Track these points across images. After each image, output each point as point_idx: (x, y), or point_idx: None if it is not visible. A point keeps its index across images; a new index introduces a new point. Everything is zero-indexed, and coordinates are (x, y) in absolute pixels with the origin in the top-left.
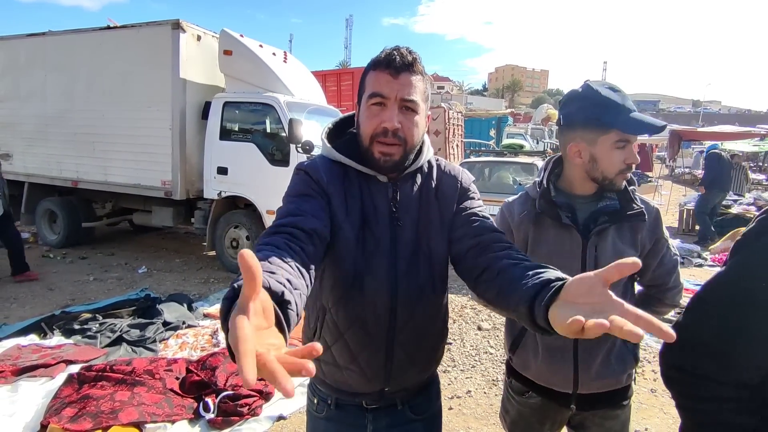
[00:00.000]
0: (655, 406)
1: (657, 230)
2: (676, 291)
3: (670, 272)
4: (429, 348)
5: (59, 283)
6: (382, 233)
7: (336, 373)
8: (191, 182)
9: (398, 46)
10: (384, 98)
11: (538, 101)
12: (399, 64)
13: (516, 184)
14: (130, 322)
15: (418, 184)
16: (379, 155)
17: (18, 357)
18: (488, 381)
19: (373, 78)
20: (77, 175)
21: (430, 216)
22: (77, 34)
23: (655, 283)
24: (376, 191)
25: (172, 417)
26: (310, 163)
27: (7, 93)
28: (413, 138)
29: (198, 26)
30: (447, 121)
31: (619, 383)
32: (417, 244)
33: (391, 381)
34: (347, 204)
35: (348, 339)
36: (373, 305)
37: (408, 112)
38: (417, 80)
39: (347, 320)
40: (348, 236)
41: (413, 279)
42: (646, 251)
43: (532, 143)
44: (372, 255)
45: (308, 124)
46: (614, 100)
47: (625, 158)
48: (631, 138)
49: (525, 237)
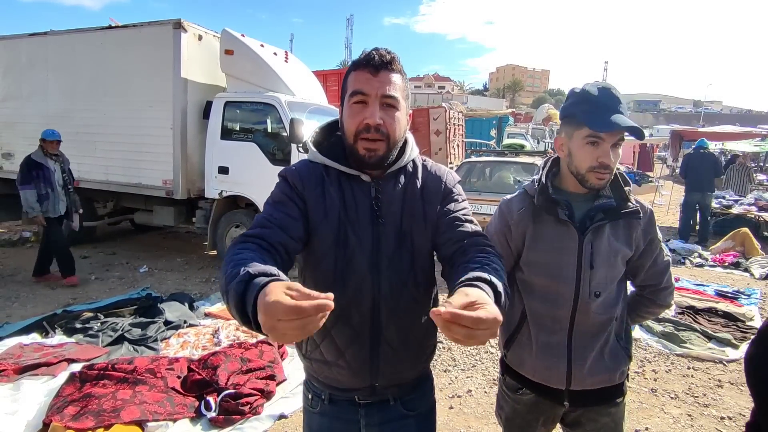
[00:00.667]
0: (656, 406)
1: (651, 230)
2: (668, 292)
3: (663, 272)
4: (416, 343)
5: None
6: (364, 231)
7: (326, 370)
8: (192, 182)
9: (377, 47)
10: (365, 96)
11: (539, 101)
12: (378, 62)
13: (517, 184)
14: (132, 321)
15: (402, 183)
16: (364, 151)
17: (20, 356)
18: (489, 380)
19: (354, 77)
20: (79, 175)
21: (414, 213)
22: (79, 33)
23: (649, 283)
24: (359, 191)
25: (173, 415)
26: (290, 169)
27: (9, 92)
28: (395, 133)
29: (199, 26)
30: (448, 121)
31: (612, 380)
32: (400, 241)
33: (380, 376)
34: (325, 205)
35: (335, 335)
36: (357, 301)
37: (389, 109)
38: (396, 78)
39: (332, 317)
40: (326, 236)
41: (396, 275)
42: (640, 251)
43: (533, 143)
44: (353, 253)
45: (309, 123)
46: (593, 97)
47: (597, 156)
48: (603, 135)
49: (523, 233)
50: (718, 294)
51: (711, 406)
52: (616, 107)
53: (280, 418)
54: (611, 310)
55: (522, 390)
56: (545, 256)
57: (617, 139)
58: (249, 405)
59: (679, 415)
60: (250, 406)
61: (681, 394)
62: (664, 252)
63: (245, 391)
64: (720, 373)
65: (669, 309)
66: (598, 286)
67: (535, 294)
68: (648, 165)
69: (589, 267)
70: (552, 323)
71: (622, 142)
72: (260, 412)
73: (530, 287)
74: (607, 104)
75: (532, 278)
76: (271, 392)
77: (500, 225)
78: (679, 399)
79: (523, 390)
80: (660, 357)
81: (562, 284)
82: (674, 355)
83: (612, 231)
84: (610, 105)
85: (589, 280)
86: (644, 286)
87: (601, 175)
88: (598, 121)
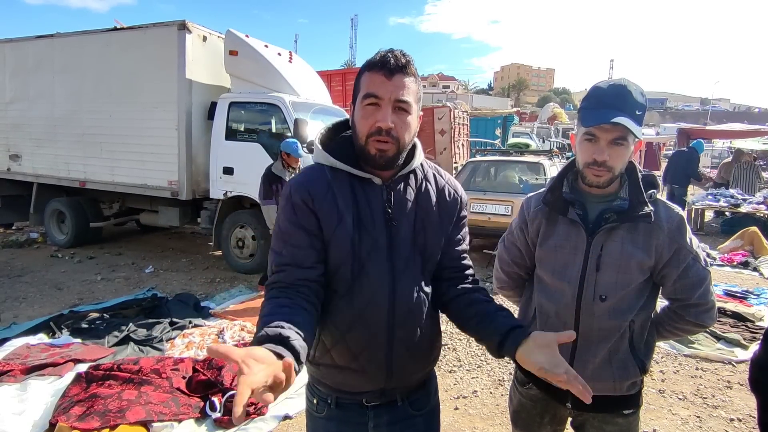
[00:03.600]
0: (664, 407)
1: (678, 238)
2: (702, 309)
3: (695, 286)
4: (427, 342)
5: (67, 282)
6: (379, 234)
7: (336, 375)
8: (197, 182)
9: (392, 49)
10: (378, 99)
11: (544, 100)
12: (393, 65)
13: (522, 183)
14: (137, 322)
15: (412, 185)
16: (375, 151)
17: (27, 356)
18: (494, 381)
19: (368, 79)
20: (85, 176)
21: (430, 219)
22: (85, 35)
23: (677, 296)
24: (371, 193)
25: (178, 416)
26: (294, 183)
27: (17, 94)
28: (406, 137)
29: (204, 27)
30: (452, 120)
31: (618, 390)
32: (413, 242)
33: (394, 377)
34: (338, 210)
35: (349, 340)
36: (374, 303)
37: (401, 113)
38: (410, 82)
39: (348, 321)
40: (343, 241)
41: (410, 276)
42: (664, 260)
43: (539, 142)
44: (369, 255)
45: (313, 123)
46: (598, 93)
47: (592, 152)
48: (596, 132)
49: (537, 229)
50: (727, 294)
51: (720, 407)
52: (620, 105)
53: (285, 418)
54: (622, 316)
55: (529, 385)
56: (552, 253)
57: (614, 136)
58: (254, 406)
59: (687, 416)
60: (254, 406)
61: (689, 395)
62: (700, 265)
63: None
64: (729, 374)
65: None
66: (605, 290)
67: (543, 290)
68: (655, 164)
69: (595, 269)
70: (556, 321)
71: (623, 140)
72: (265, 412)
73: (541, 283)
74: (610, 102)
75: (541, 274)
76: None
77: (519, 220)
78: (687, 400)
79: (530, 385)
80: (668, 357)
81: (566, 283)
82: (682, 355)
83: (628, 235)
84: (613, 102)
85: (594, 282)
86: (673, 299)
87: (597, 171)
88: (590, 117)
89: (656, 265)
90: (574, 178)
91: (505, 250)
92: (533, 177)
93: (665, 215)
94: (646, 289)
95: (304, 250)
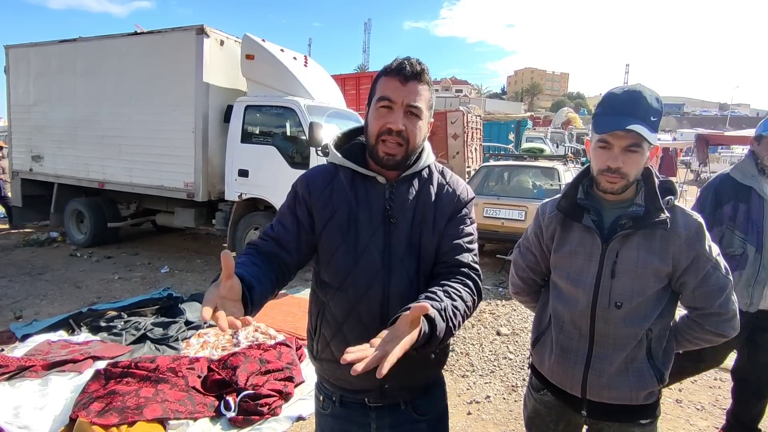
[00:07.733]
0: (681, 417)
1: (697, 246)
2: (722, 319)
3: (714, 295)
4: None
5: (86, 281)
6: (376, 230)
7: (336, 370)
8: (213, 184)
9: (409, 57)
10: (392, 102)
11: (558, 105)
12: (408, 72)
13: (536, 188)
14: (154, 321)
15: (416, 187)
16: (383, 154)
17: (48, 352)
18: (507, 386)
19: (384, 83)
20: (104, 177)
21: (426, 219)
22: (106, 40)
23: (696, 305)
24: (372, 191)
25: (194, 414)
26: (301, 176)
27: (40, 97)
28: (415, 140)
29: (221, 31)
30: (465, 124)
31: (634, 399)
32: (409, 243)
33: (389, 376)
34: (333, 204)
35: (346, 332)
36: (368, 297)
37: (412, 117)
38: (423, 89)
39: (344, 313)
40: (334, 234)
41: (405, 274)
42: (682, 267)
43: (552, 147)
44: (364, 251)
45: (328, 127)
46: (611, 99)
47: (606, 159)
48: (609, 139)
49: (552, 235)
50: None
51: None
52: (634, 111)
53: (298, 419)
54: (639, 324)
55: (543, 390)
56: (567, 259)
57: (627, 143)
58: (268, 406)
59: (705, 427)
60: (268, 407)
61: (707, 405)
62: (721, 273)
63: (264, 392)
64: None
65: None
66: (620, 297)
67: (558, 296)
68: (671, 170)
69: (610, 276)
70: (572, 328)
71: (638, 147)
72: (279, 413)
73: (557, 289)
74: (624, 108)
75: (556, 280)
76: (290, 394)
77: (535, 226)
78: (705, 411)
79: (544, 391)
80: None
81: (581, 290)
82: None
83: (645, 242)
84: (627, 109)
85: (609, 289)
86: (692, 308)
87: (611, 178)
88: (603, 124)
89: (674, 272)
90: (589, 185)
91: (520, 255)
92: (548, 182)
93: (683, 222)
94: (664, 297)
95: (290, 234)
